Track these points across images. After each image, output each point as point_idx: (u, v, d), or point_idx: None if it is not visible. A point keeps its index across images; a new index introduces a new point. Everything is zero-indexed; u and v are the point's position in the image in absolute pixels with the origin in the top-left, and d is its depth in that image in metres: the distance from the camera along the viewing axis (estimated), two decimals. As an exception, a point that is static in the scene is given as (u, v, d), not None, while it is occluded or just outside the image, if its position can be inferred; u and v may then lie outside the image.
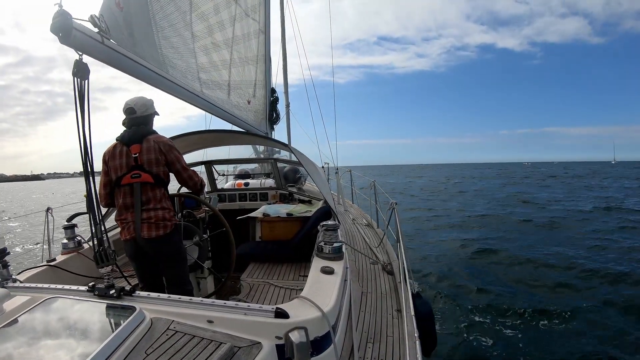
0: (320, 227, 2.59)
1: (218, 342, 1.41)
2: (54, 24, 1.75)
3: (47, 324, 1.51)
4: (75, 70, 1.76)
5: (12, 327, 1.49)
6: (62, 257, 3.02)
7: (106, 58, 2.15)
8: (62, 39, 1.79)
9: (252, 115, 5.14)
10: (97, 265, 1.90)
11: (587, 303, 6.38)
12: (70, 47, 1.82)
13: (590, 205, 18.82)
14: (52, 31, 1.76)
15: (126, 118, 2.53)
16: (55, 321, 1.53)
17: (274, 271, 3.56)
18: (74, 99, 1.77)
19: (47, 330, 1.46)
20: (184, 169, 2.68)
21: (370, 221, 6.04)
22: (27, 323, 1.51)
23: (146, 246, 2.47)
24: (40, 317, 1.55)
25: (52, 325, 1.50)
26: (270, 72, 6.00)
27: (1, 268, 2.10)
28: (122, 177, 2.45)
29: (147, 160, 2.46)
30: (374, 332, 2.48)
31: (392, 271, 3.55)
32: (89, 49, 1.96)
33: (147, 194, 2.47)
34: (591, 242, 10.68)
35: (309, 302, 1.69)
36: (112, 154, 2.50)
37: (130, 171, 2.45)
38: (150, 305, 1.67)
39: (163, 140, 2.56)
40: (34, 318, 1.55)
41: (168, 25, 2.98)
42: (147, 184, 2.46)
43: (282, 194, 5.47)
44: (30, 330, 1.46)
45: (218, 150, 5.29)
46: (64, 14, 1.75)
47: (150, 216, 2.45)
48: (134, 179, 2.44)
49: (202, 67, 3.62)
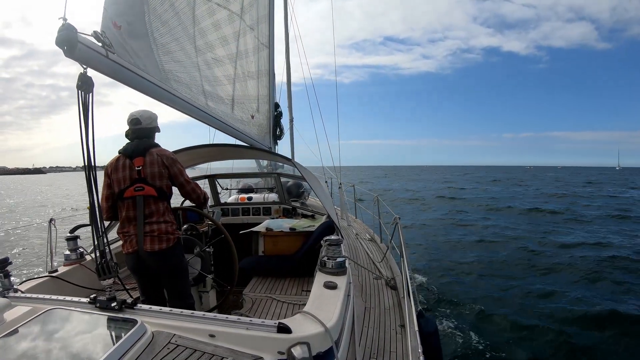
0: (323, 242, 2.58)
1: (220, 356, 1.40)
2: (59, 37, 1.76)
3: (48, 335, 1.50)
4: (80, 83, 1.76)
5: (12, 337, 1.47)
6: (64, 268, 3.01)
7: (110, 72, 2.17)
8: (67, 53, 1.80)
9: (255, 130, 5.17)
10: (99, 277, 1.89)
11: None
12: (75, 60, 1.83)
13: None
14: (57, 44, 1.77)
15: (130, 129, 2.54)
16: (55, 332, 1.52)
17: (276, 286, 3.53)
18: (78, 112, 1.77)
19: (47, 342, 1.45)
20: (187, 182, 2.68)
21: (374, 236, 6.01)
22: (28, 334, 1.50)
23: (148, 259, 2.46)
24: (41, 328, 1.54)
25: (52, 337, 1.49)
26: (274, 87, 6.05)
27: (3, 278, 2.10)
28: (125, 190, 2.45)
29: (150, 174, 2.47)
30: (377, 347, 2.44)
31: (395, 286, 3.52)
32: (94, 63, 1.97)
33: (150, 207, 2.47)
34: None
35: (311, 317, 1.67)
36: (115, 167, 2.50)
37: (134, 184, 2.45)
38: (152, 318, 1.65)
39: (166, 154, 2.56)
40: (34, 329, 1.54)
41: (172, 39, 3.01)
42: (150, 197, 2.46)
43: (285, 209, 5.47)
44: (30, 341, 1.45)
45: (221, 164, 5.32)
46: (69, 27, 1.77)
47: (153, 229, 2.44)
48: (137, 192, 2.44)
49: (207, 80, 3.66)
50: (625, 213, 18.97)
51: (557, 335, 5.80)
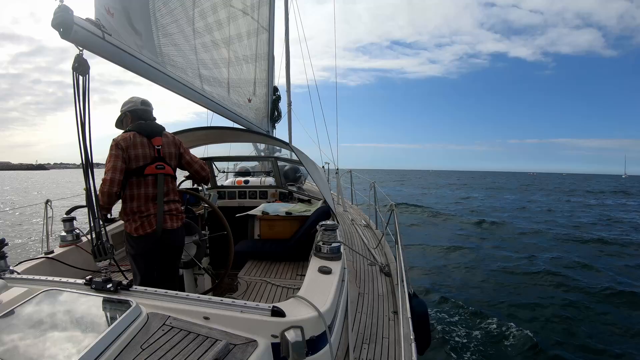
0: (319, 227, 2.59)
1: (214, 339, 1.41)
2: (55, 19, 1.74)
3: (43, 316, 1.51)
4: (76, 65, 1.75)
5: (8, 318, 1.49)
6: (60, 249, 3.02)
7: (107, 54, 2.15)
8: (63, 34, 1.78)
9: (252, 114, 5.14)
10: (95, 259, 1.90)
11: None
12: (71, 42, 1.81)
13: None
14: (53, 26, 1.76)
15: (142, 109, 2.56)
16: (51, 314, 1.53)
17: (271, 270, 3.56)
18: (74, 94, 1.76)
19: (43, 323, 1.46)
20: (195, 160, 2.78)
21: (369, 222, 6.04)
22: (24, 315, 1.51)
23: (166, 238, 2.49)
24: (37, 309, 1.55)
25: (48, 318, 1.50)
26: (273, 70, 5.99)
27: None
28: (144, 167, 2.44)
29: (168, 153, 2.55)
30: (369, 333, 2.48)
31: (389, 273, 3.55)
32: (90, 45, 1.95)
33: (168, 186, 2.54)
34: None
35: (305, 301, 1.69)
36: (134, 143, 2.43)
37: (154, 162, 2.46)
38: (147, 300, 1.67)
39: (175, 137, 2.70)
40: (30, 310, 1.55)
41: (172, 21, 2.97)
42: (169, 175, 2.54)
43: (282, 193, 5.48)
44: (26, 322, 1.46)
45: (219, 147, 5.29)
46: (65, 9, 1.75)
47: (171, 208, 2.54)
48: (159, 170, 2.48)
49: (203, 63, 3.62)
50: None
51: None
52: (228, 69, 4.20)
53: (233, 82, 4.41)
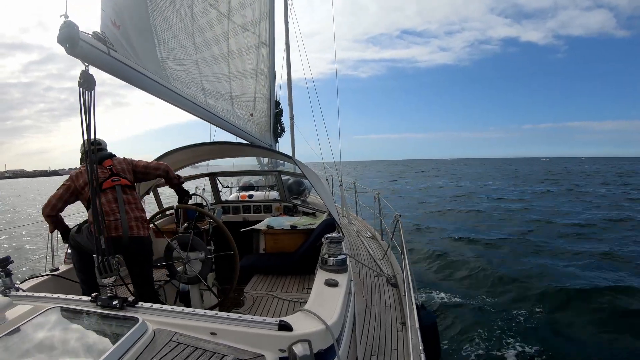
0: (324, 240, 2.58)
1: (221, 354, 1.40)
2: (61, 35, 1.76)
3: (49, 333, 1.50)
4: (82, 81, 1.76)
5: (13, 335, 1.47)
6: (65, 266, 3.02)
7: (111, 69, 2.17)
8: (69, 50, 1.80)
9: (255, 128, 5.17)
10: (100, 276, 1.89)
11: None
12: (77, 57, 1.82)
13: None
14: (59, 42, 1.77)
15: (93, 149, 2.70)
16: (57, 331, 1.52)
17: (277, 283, 3.53)
18: (80, 110, 1.76)
19: (48, 340, 1.45)
20: (150, 165, 3.00)
21: (375, 233, 6.01)
22: (29, 332, 1.50)
23: (131, 245, 2.57)
24: (42, 327, 1.54)
25: (53, 335, 1.49)
26: (274, 84, 6.04)
27: (4, 276, 2.10)
28: (102, 183, 2.61)
29: (120, 169, 2.77)
30: (378, 345, 2.45)
31: (396, 284, 3.52)
32: (95, 60, 1.97)
33: (128, 195, 2.71)
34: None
35: (312, 314, 1.67)
36: (82, 172, 2.66)
37: (108, 178, 2.67)
38: (153, 316, 1.65)
39: (126, 158, 2.94)
40: (35, 327, 1.54)
41: (171, 37, 3.01)
42: (126, 186, 2.73)
43: (286, 206, 5.47)
44: (31, 340, 1.45)
45: (222, 162, 5.31)
46: (70, 25, 1.77)
47: (136, 216, 2.67)
48: (115, 182, 2.67)
49: (206, 77, 3.66)
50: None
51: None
52: (230, 82, 4.25)
53: (236, 96, 4.45)
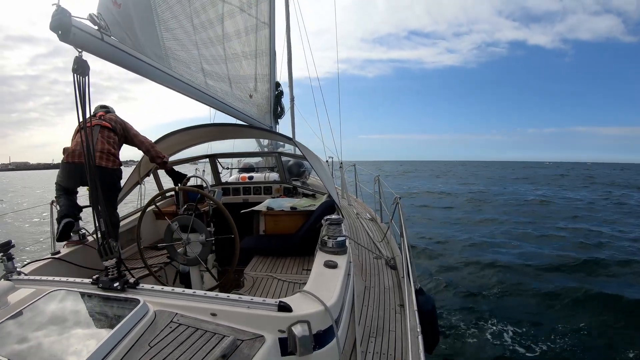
0: (324, 221, 2.58)
1: (221, 335, 1.42)
2: (53, 22, 1.75)
3: (51, 316, 1.52)
4: (75, 66, 1.75)
5: (16, 319, 1.50)
6: (66, 249, 3.04)
7: (106, 54, 2.16)
8: (62, 37, 1.79)
9: (255, 109, 5.13)
10: (101, 258, 1.91)
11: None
12: (70, 44, 1.82)
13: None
14: (52, 29, 1.77)
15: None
16: (59, 313, 1.54)
17: (277, 265, 3.56)
18: (74, 96, 1.77)
19: (50, 323, 1.47)
20: (137, 135, 3.36)
21: (374, 215, 6.03)
22: (31, 315, 1.52)
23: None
24: (44, 310, 1.56)
25: (55, 318, 1.51)
26: (274, 66, 5.97)
27: (6, 260, 2.12)
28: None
29: (108, 119, 3.19)
30: (376, 326, 2.48)
31: (395, 266, 3.54)
32: (89, 46, 1.96)
33: (104, 134, 3.11)
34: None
35: (312, 296, 1.69)
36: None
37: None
38: (154, 297, 1.67)
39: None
40: (38, 310, 1.56)
41: (172, 16, 2.97)
42: (106, 128, 3.13)
43: (286, 188, 5.47)
44: (34, 323, 1.47)
45: (222, 144, 5.30)
46: (62, 11, 1.75)
47: (104, 149, 3.01)
48: (95, 122, 3.11)
49: (205, 58, 3.61)
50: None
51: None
52: (227, 64, 4.20)
53: (234, 78, 4.40)
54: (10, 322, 1.47)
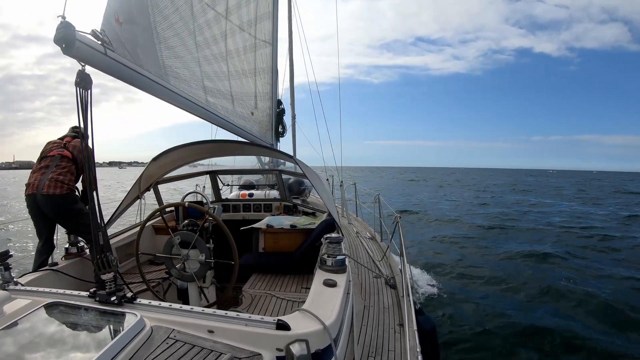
0: (323, 240, 2.57)
1: (218, 352, 1.40)
2: (57, 35, 1.78)
3: (47, 328, 1.50)
4: (78, 80, 1.78)
5: (11, 330, 1.48)
6: (64, 261, 3.02)
7: (109, 69, 2.19)
8: (65, 50, 1.82)
9: (256, 127, 5.17)
10: (99, 272, 1.89)
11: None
12: (74, 58, 1.84)
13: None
14: (56, 42, 1.80)
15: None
16: (54, 326, 1.52)
17: (276, 283, 3.53)
18: (77, 109, 1.79)
19: (46, 335, 1.45)
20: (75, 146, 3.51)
21: (374, 234, 6.01)
22: (27, 327, 1.50)
23: (43, 201, 3.18)
24: (40, 321, 1.54)
25: (51, 330, 1.49)
26: (276, 84, 6.05)
27: (3, 270, 2.11)
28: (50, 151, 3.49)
29: (71, 146, 3.44)
30: (375, 346, 2.44)
31: (395, 285, 3.51)
32: (92, 60, 1.99)
33: (63, 164, 3.34)
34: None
35: (310, 314, 1.67)
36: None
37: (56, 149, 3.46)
38: (151, 313, 1.65)
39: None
40: (33, 322, 1.54)
41: (173, 34, 3.02)
42: (65, 157, 3.37)
43: (286, 206, 5.46)
44: (29, 334, 1.45)
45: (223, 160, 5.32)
46: (67, 25, 1.79)
47: (56, 178, 3.22)
48: (57, 152, 3.40)
49: (207, 75, 3.66)
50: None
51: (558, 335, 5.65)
52: (229, 81, 4.25)
53: (237, 95, 4.45)
54: (5, 333, 1.45)
